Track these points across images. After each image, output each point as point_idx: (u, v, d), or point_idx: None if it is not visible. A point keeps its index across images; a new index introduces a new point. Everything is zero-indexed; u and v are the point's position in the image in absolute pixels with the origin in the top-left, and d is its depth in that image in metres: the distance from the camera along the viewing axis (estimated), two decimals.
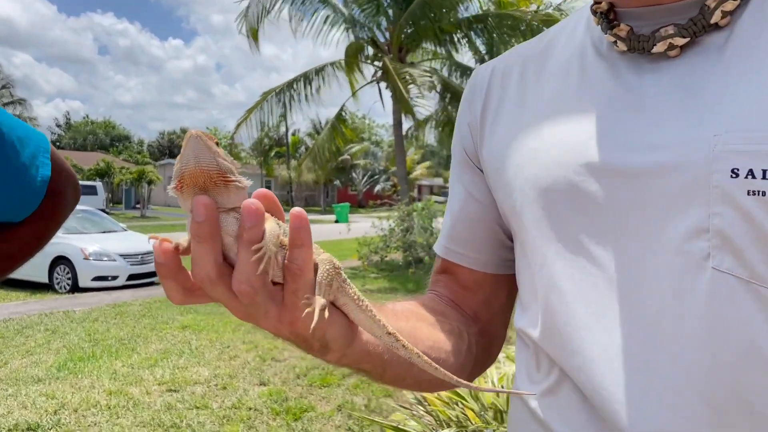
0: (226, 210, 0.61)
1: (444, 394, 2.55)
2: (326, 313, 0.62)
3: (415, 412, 2.70)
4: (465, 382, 0.77)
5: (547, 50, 0.91)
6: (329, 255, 0.67)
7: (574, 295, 0.75)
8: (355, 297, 0.69)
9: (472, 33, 17.97)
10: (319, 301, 0.62)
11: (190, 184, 0.60)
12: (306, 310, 0.62)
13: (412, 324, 0.91)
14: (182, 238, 0.63)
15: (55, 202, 1.24)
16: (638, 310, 0.69)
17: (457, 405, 2.46)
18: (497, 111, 0.94)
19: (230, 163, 0.61)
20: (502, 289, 1.02)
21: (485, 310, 1.05)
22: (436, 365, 0.73)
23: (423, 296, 1.07)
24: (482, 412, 2.37)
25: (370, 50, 18.11)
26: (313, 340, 0.68)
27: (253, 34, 16.83)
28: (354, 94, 17.85)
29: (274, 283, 0.63)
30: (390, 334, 0.71)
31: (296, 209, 0.62)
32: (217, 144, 0.61)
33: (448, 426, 2.36)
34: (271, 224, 0.61)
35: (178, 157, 0.61)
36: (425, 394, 2.66)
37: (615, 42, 0.77)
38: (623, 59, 0.77)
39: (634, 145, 0.71)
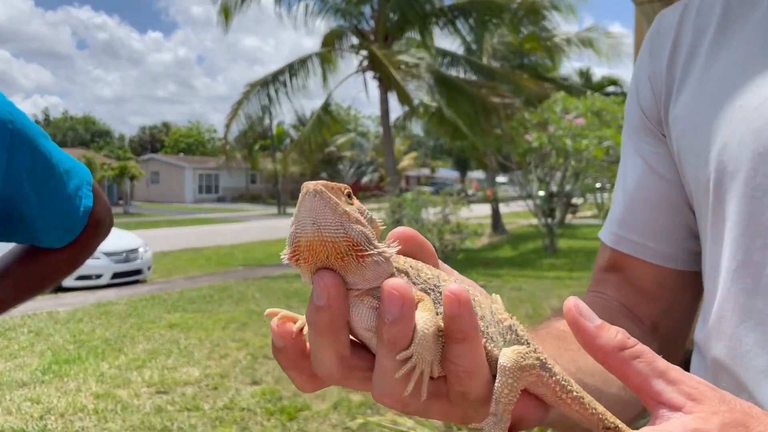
0: (360, 293, 0.46)
1: None
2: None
3: None
4: None
5: None
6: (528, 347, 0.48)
7: None
8: (558, 388, 0.49)
9: (457, 21, 17.86)
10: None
11: (309, 257, 0.45)
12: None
13: (571, 355, 0.70)
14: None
15: (93, 232, 1.32)
16: None
17: None
18: (690, 59, 0.72)
19: (366, 223, 0.46)
20: (688, 290, 0.81)
21: (666, 319, 0.83)
22: None
23: (602, 304, 0.86)
24: None
25: (355, 39, 17.91)
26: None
27: (225, 12, 16.65)
28: (324, 83, 17.56)
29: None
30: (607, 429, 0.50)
31: (452, 288, 0.44)
32: (349, 196, 0.47)
33: (459, 430, 2.21)
34: (424, 314, 0.45)
35: (293, 218, 0.46)
36: None
37: None
38: None
39: None
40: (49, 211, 1.21)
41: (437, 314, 0.46)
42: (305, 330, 0.48)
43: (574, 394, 0.50)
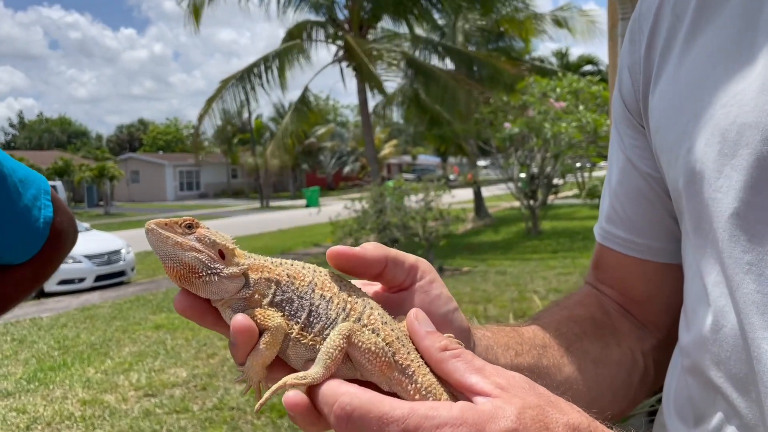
0: (223, 302, 0.55)
1: None
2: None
3: None
4: None
5: None
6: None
7: (756, 312, 0.54)
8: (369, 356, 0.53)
9: (430, 6, 17.76)
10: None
11: (177, 281, 0.54)
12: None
13: (557, 360, 0.73)
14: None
15: (56, 244, 1.23)
16: None
17: None
18: (667, 46, 0.68)
19: (203, 248, 0.54)
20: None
21: (666, 314, 0.81)
22: None
23: (582, 301, 0.85)
24: None
25: (330, 29, 17.76)
26: None
27: (195, 11, 16.43)
28: (281, 81, 17.34)
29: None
30: None
31: (235, 319, 0.53)
32: (189, 227, 0.55)
33: None
34: (265, 341, 0.53)
35: None
36: None
37: None
38: None
39: None
40: (5, 225, 1.12)
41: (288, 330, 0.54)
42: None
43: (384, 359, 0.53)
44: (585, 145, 13.79)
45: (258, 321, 0.53)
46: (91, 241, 12.57)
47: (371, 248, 0.58)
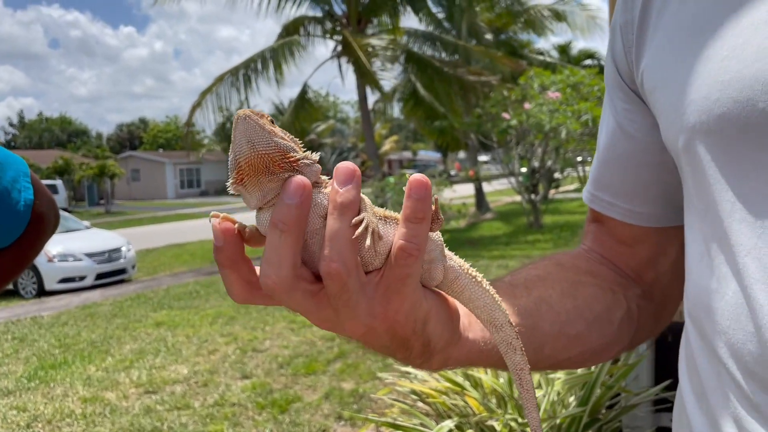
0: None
1: (441, 383, 2.36)
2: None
3: (410, 404, 2.51)
4: None
5: None
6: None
7: (759, 278, 0.52)
8: (466, 269, 0.59)
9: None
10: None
11: (251, 173, 0.53)
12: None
13: (537, 295, 0.73)
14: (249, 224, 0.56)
15: (37, 227, 1.20)
16: None
17: (457, 394, 2.27)
18: (663, 5, 0.65)
19: (290, 140, 0.54)
20: (672, 243, 0.79)
21: (650, 269, 0.83)
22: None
23: (566, 253, 0.87)
24: (485, 400, 2.19)
25: (328, 24, 17.70)
26: (415, 336, 0.56)
27: None
28: (277, 77, 17.22)
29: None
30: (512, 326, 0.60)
31: (417, 175, 0.52)
32: (271, 122, 0.54)
33: (449, 417, 2.17)
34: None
35: (231, 147, 0.54)
36: (419, 387, 2.48)
37: None
38: None
39: None
40: None
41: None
42: (245, 234, 0.54)
43: (481, 277, 0.60)
44: (585, 138, 13.75)
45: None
46: (91, 239, 12.56)
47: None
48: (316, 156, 0.55)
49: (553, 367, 0.78)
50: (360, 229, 0.50)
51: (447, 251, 0.58)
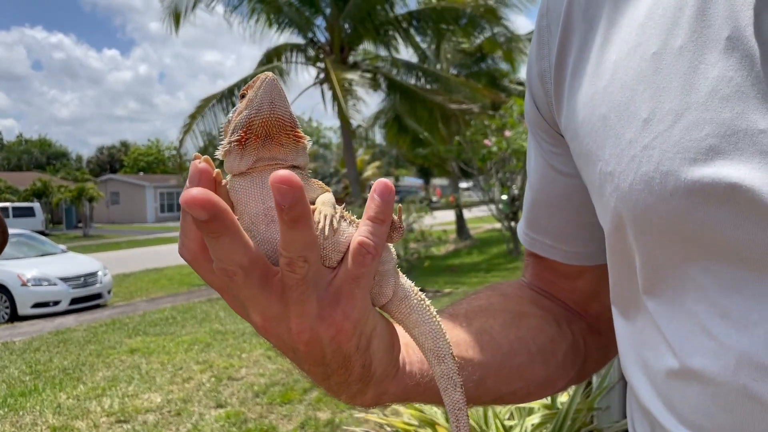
0: (287, 165, 0.55)
1: (414, 415, 2.34)
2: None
3: None
4: None
5: None
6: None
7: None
8: (416, 291, 0.59)
9: (411, 29, 17.91)
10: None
11: (260, 135, 0.52)
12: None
13: (478, 326, 0.72)
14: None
15: None
16: None
17: (429, 426, 2.26)
18: (581, 53, 0.61)
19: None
20: None
21: (594, 301, 0.81)
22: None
23: (511, 283, 0.85)
24: None
25: (311, 52, 17.84)
26: (357, 354, 0.54)
27: (176, 18, 16.47)
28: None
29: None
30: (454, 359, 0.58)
31: (382, 179, 0.54)
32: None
33: None
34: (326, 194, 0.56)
35: (244, 104, 0.53)
36: (392, 420, 2.46)
37: None
38: None
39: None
40: None
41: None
42: (218, 185, 0.53)
43: (429, 303, 0.59)
44: None
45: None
46: (66, 263, 12.36)
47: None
48: (310, 142, 0.57)
49: (496, 401, 0.76)
50: (320, 215, 0.52)
51: (400, 272, 0.58)
